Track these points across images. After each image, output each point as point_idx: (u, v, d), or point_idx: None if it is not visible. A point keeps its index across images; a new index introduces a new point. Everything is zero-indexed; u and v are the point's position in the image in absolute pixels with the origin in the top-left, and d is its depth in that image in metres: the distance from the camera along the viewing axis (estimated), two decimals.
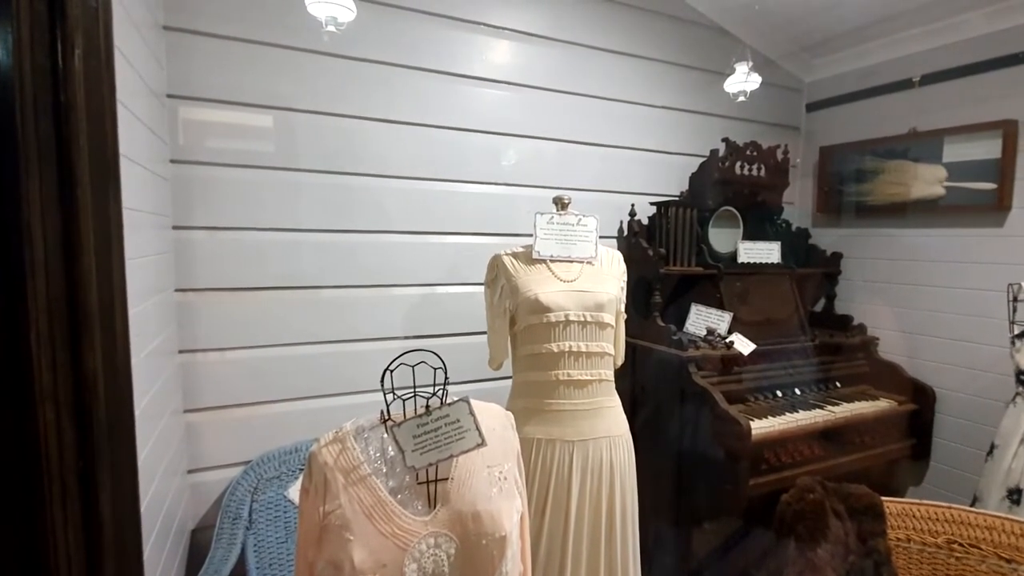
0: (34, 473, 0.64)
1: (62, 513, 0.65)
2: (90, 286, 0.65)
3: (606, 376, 1.44)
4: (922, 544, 1.30)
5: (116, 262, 0.69)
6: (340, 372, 1.86)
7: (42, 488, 0.64)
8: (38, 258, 0.62)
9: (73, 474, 0.66)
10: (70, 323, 0.65)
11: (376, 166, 1.87)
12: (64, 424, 0.64)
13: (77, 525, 0.67)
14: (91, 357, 0.65)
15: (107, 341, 0.67)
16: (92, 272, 0.66)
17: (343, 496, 0.82)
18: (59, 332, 0.64)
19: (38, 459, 0.64)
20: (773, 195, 2.26)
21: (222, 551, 1.51)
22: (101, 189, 0.69)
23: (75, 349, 0.65)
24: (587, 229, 1.46)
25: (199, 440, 1.70)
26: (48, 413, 0.64)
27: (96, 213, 0.67)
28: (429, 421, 0.86)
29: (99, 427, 0.67)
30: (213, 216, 1.67)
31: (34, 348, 0.62)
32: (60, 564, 0.66)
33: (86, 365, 0.66)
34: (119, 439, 0.69)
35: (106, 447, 0.67)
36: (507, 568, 0.86)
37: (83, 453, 0.66)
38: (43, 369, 0.63)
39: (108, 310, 0.67)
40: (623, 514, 1.44)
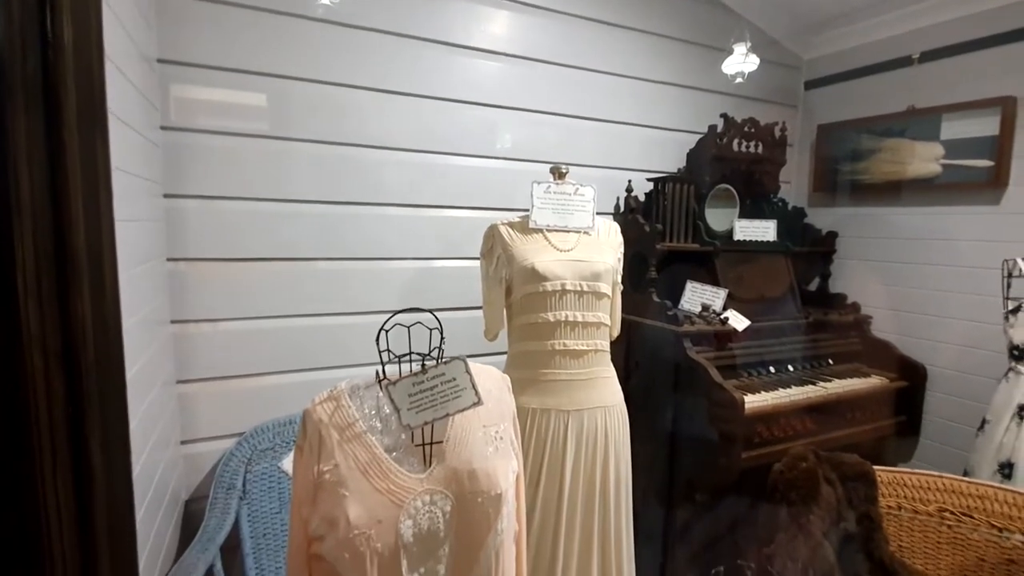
0: (23, 421, 0.63)
1: (51, 460, 0.64)
2: (78, 230, 0.63)
3: (602, 346, 1.44)
4: (913, 512, 1.31)
5: (104, 208, 0.68)
6: (334, 345, 1.85)
7: (31, 435, 0.63)
8: (24, 199, 0.61)
9: (62, 422, 0.65)
10: (57, 268, 0.63)
11: (371, 137, 1.85)
12: (52, 371, 0.63)
13: (67, 473, 0.66)
14: (79, 303, 0.64)
15: (95, 288, 0.65)
16: (79, 217, 0.65)
17: (338, 453, 0.81)
18: (46, 277, 0.62)
19: (27, 407, 0.62)
20: (770, 173, 2.25)
21: (216, 520, 1.50)
22: (88, 132, 0.67)
23: (63, 295, 0.64)
24: (584, 199, 1.44)
25: (192, 411, 1.68)
26: (36, 360, 0.62)
27: (83, 156, 0.65)
28: (425, 380, 0.85)
29: (88, 375, 0.66)
30: (205, 185, 1.64)
31: (21, 293, 0.60)
32: (50, 513, 0.65)
33: (74, 311, 0.64)
34: (108, 388, 0.68)
35: (95, 395, 0.66)
36: (503, 526, 0.86)
37: (72, 401, 0.65)
38: (30, 315, 0.62)
39: (96, 257, 0.66)
40: (617, 484, 1.45)
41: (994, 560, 1.23)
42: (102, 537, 0.70)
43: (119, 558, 0.74)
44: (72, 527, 0.68)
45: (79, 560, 0.68)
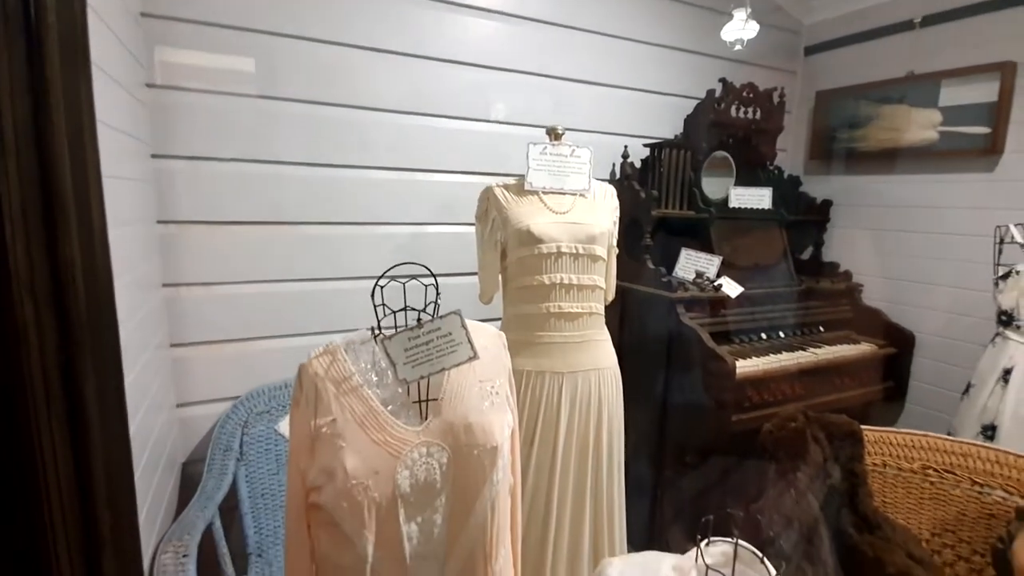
0: (15, 366, 0.62)
1: (46, 407, 0.64)
2: (63, 169, 0.61)
3: (596, 309, 1.44)
4: (897, 469, 1.35)
5: (90, 151, 0.66)
6: (328, 310, 1.84)
7: (24, 381, 0.62)
8: (8, 136, 0.59)
9: (55, 369, 0.64)
10: (44, 210, 0.62)
11: (362, 97, 1.81)
12: (43, 316, 0.62)
13: (61, 419, 0.66)
14: (68, 245, 0.63)
15: (83, 230, 0.64)
16: (65, 158, 0.63)
17: (335, 406, 0.82)
18: (33, 217, 0.61)
19: (19, 353, 0.62)
20: (767, 140, 2.23)
21: (213, 481, 1.52)
22: (71, 72, 0.65)
23: (51, 238, 0.62)
24: (580, 161, 1.43)
25: (187, 375, 1.68)
26: (26, 304, 0.61)
27: (67, 97, 0.63)
28: (421, 334, 0.85)
29: (79, 319, 0.65)
30: (193, 145, 1.61)
31: (8, 232, 0.59)
32: (47, 459, 0.65)
33: (63, 254, 0.63)
34: (101, 331, 0.67)
35: (88, 340, 0.65)
36: (498, 477, 0.87)
37: (65, 346, 0.65)
38: (19, 257, 0.60)
39: (83, 197, 0.64)
40: (610, 445, 1.47)
41: (974, 515, 1.27)
42: (100, 488, 0.70)
43: (119, 511, 0.74)
44: (70, 478, 0.68)
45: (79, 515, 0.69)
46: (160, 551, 1.21)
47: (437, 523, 0.84)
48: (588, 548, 1.47)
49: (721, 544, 0.87)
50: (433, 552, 0.84)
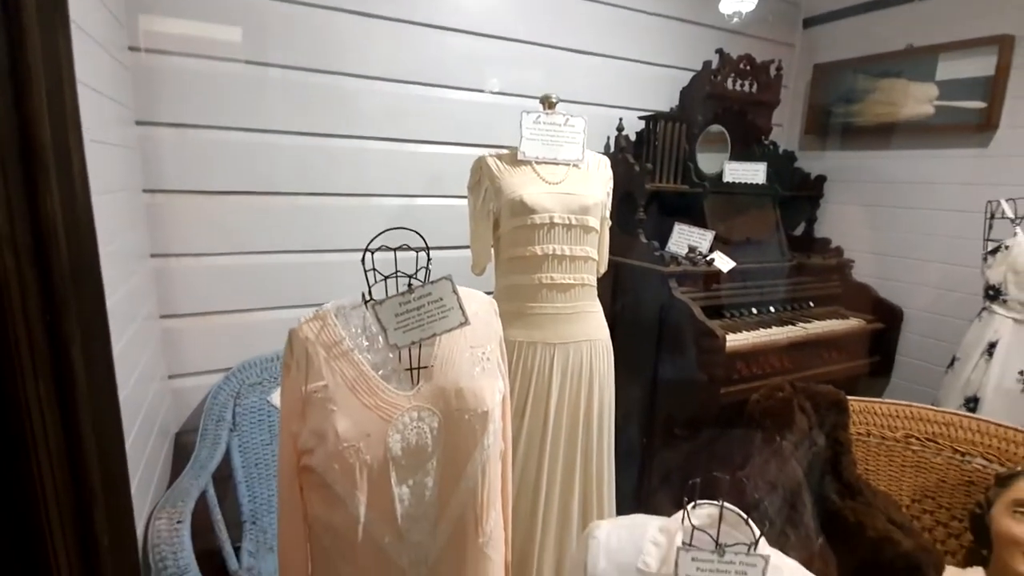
0: None
1: (31, 364, 0.63)
2: (42, 122, 0.60)
3: (588, 281, 1.44)
4: (881, 438, 1.38)
5: (68, 100, 0.64)
6: (319, 282, 1.83)
7: (8, 337, 0.62)
8: None
9: (40, 324, 0.63)
10: (23, 163, 0.60)
11: (352, 64, 1.76)
12: (25, 271, 0.61)
13: (48, 378, 0.65)
14: (48, 199, 0.61)
15: (64, 184, 0.63)
16: (43, 108, 0.61)
17: (325, 370, 0.81)
18: (12, 170, 0.59)
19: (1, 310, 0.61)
20: (763, 113, 2.22)
21: (207, 450, 1.53)
22: (48, 22, 0.62)
23: (31, 191, 0.61)
24: (574, 130, 1.41)
25: (178, 346, 1.68)
26: (8, 260, 0.60)
27: (45, 47, 0.61)
28: (411, 299, 0.85)
29: (62, 276, 0.64)
30: (179, 112, 1.57)
31: None
32: (34, 416, 0.65)
33: (44, 208, 0.62)
34: (86, 289, 0.66)
35: (72, 297, 0.64)
36: (489, 442, 0.88)
37: (49, 305, 0.64)
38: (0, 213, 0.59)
39: (63, 151, 0.63)
40: (600, 416, 1.49)
41: (954, 481, 1.31)
42: (89, 445, 0.70)
43: (109, 468, 0.74)
44: (58, 435, 0.67)
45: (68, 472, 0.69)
46: (154, 517, 1.22)
47: (428, 486, 0.85)
48: (577, 517, 1.49)
49: (707, 507, 0.89)
50: (424, 514, 0.85)
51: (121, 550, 0.75)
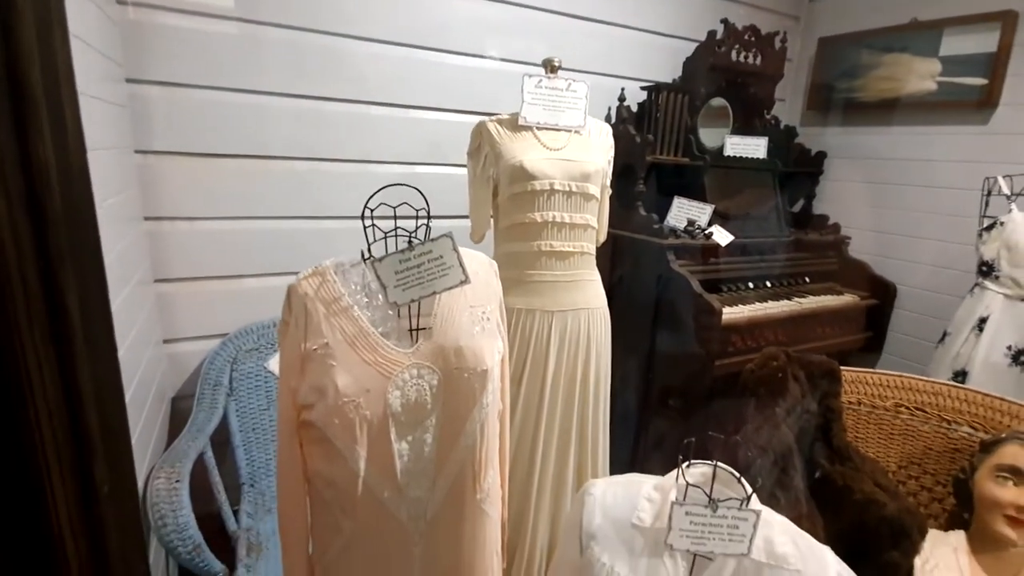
0: None
1: (26, 311, 0.62)
2: (32, 60, 0.58)
3: (588, 249, 1.44)
4: (871, 407, 1.40)
5: (59, 39, 0.62)
6: (316, 249, 1.82)
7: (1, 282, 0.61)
8: None
9: (34, 272, 0.62)
10: (12, 102, 0.58)
11: (351, 26, 1.72)
12: (17, 215, 0.60)
13: (44, 326, 0.64)
14: (40, 144, 0.60)
15: (57, 128, 0.61)
16: (34, 49, 0.59)
17: (324, 326, 0.81)
18: (3, 112, 0.57)
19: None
20: (766, 87, 2.19)
21: (204, 414, 1.53)
22: None
23: (20, 132, 0.59)
24: (576, 95, 1.39)
25: (173, 311, 1.67)
26: None
27: None
28: (412, 257, 0.84)
29: (57, 224, 0.63)
30: (169, 71, 1.53)
31: None
32: (30, 366, 0.64)
33: (35, 154, 0.60)
34: (82, 238, 0.65)
35: (67, 245, 0.63)
36: (488, 400, 0.89)
37: (44, 252, 0.63)
38: None
39: (54, 94, 0.61)
40: (596, 384, 1.50)
41: (940, 449, 1.34)
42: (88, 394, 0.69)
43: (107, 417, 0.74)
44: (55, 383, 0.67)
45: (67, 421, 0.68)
46: (152, 476, 1.23)
47: (427, 442, 0.86)
48: (572, 481, 1.52)
49: (701, 466, 0.91)
50: (423, 470, 0.86)
51: (121, 499, 0.76)
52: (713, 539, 0.82)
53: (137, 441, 1.21)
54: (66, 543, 0.69)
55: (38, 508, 0.67)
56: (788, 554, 0.84)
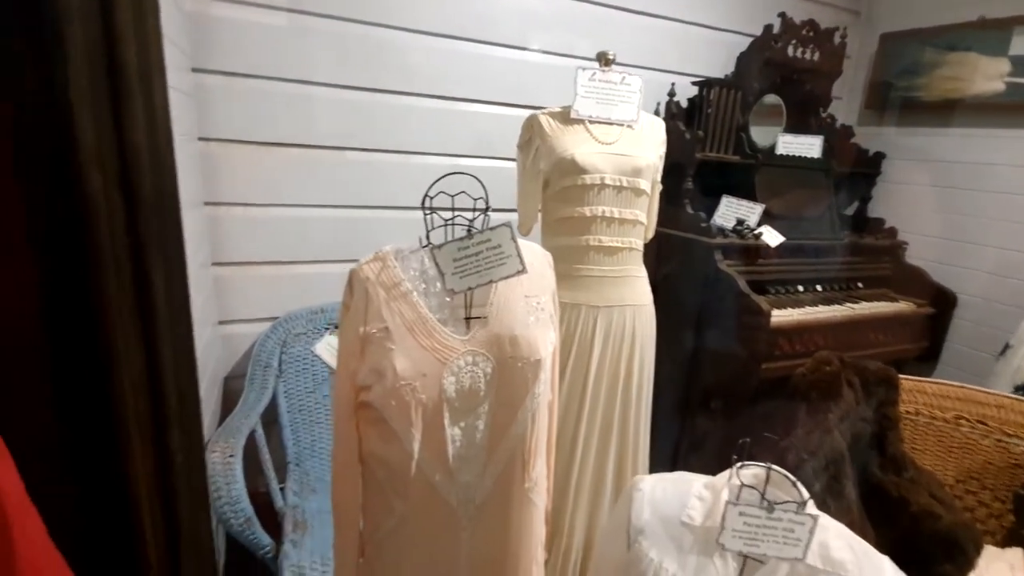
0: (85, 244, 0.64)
1: (116, 284, 0.66)
2: (128, 42, 0.61)
3: (636, 245, 1.42)
4: (930, 418, 1.35)
5: (152, 28, 0.65)
6: (363, 238, 1.85)
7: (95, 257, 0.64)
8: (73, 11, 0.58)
9: (125, 247, 0.66)
10: (110, 84, 0.62)
11: (399, 17, 1.74)
12: (111, 191, 0.63)
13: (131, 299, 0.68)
14: (133, 123, 0.63)
15: (148, 114, 0.64)
16: (130, 29, 0.62)
17: (384, 311, 0.83)
18: (100, 93, 0.61)
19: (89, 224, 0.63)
20: (823, 84, 2.12)
21: (255, 394, 1.59)
22: None
23: (118, 119, 0.63)
24: (631, 89, 1.37)
25: (228, 293, 1.73)
26: (96, 180, 0.62)
27: None
28: (470, 245, 0.85)
29: (146, 205, 0.66)
30: (229, 61, 1.59)
31: (76, 106, 0.59)
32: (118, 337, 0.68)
33: (130, 137, 0.64)
34: (166, 220, 0.69)
35: (155, 227, 0.66)
36: (540, 390, 0.89)
37: (133, 228, 0.66)
38: (87, 133, 0.61)
39: (147, 81, 0.64)
40: (639, 382, 1.49)
41: (1000, 464, 1.27)
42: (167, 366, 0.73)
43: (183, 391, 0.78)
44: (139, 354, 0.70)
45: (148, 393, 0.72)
46: (208, 450, 1.28)
47: (479, 429, 0.87)
48: (611, 479, 1.51)
49: (753, 468, 0.89)
50: (475, 455, 0.87)
51: (191, 469, 0.79)
52: (767, 541, 0.81)
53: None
54: (142, 506, 0.73)
55: (120, 473, 0.71)
56: (845, 560, 0.82)
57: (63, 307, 0.65)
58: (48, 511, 0.50)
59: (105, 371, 0.68)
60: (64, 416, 0.66)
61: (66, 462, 0.68)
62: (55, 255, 0.63)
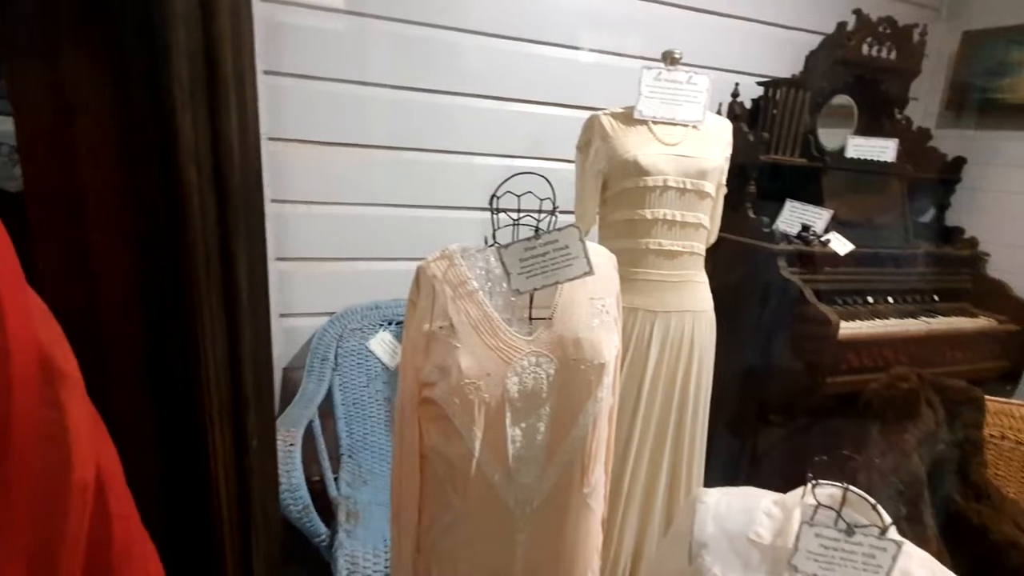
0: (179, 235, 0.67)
1: (205, 276, 0.69)
2: (225, 43, 0.63)
3: (698, 250, 1.38)
4: (1016, 442, 1.24)
5: (247, 25, 0.67)
6: (419, 237, 1.88)
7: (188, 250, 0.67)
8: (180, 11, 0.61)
9: (215, 238, 0.69)
10: (208, 84, 0.64)
11: (457, 19, 1.76)
12: (204, 185, 0.66)
13: (218, 290, 0.71)
14: (226, 122, 0.65)
15: (240, 110, 0.67)
16: (227, 35, 0.65)
17: (451, 308, 0.84)
18: (199, 89, 0.64)
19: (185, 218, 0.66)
20: (900, 84, 2.00)
21: (313, 385, 1.64)
22: None
23: (213, 113, 0.65)
24: (697, 89, 1.34)
25: (290, 287, 1.80)
26: (191, 175, 0.65)
27: None
28: (537, 246, 0.84)
29: (235, 198, 0.69)
30: (299, 63, 1.65)
31: (178, 103, 0.62)
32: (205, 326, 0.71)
33: (223, 131, 0.66)
34: (251, 214, 0.71)
35: (242, 216, 0.69)
36: (602, 395, 0.88)
37: (221, 218, 0.69)
38: (187, 129, 0.64)
39: (240, 76, 0.66)
40: (696, 392, 1.44)
41: None
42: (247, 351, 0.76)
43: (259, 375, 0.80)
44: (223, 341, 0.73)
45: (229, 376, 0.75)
46: None
47: (540, 431, 0.86)
48: (663, 491, 1.46)
49: (828, 487, 0.84)
50: (534, 457, 0.87)
51: (265, 453, 0.82)
52: (845, 566, 0.76)
53: None
54: (220, 486, 0.75)
55: (200, 453, 0.74)
56: None
57: (158, 295, 0.68)
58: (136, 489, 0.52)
59: (192, 354, 0.71)
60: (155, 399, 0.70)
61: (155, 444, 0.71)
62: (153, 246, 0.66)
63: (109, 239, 0.64)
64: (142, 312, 0.67)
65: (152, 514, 0.59)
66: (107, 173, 0.64)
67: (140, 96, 0.63)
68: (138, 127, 0.64)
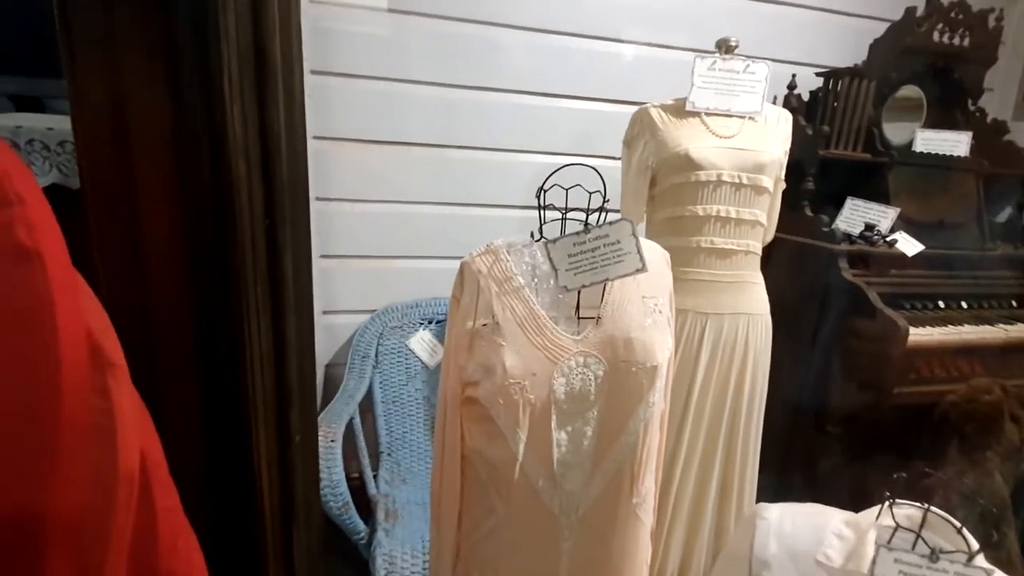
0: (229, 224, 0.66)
1: (252, 269, 0.68)
2: (274, 36, 0.62)
3: (753, 248, 1.31)
4: None
5: (295, 21, 0.67)
6: (461, 236, 1.86)
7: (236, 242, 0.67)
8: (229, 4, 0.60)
9: (261, 228, 0.68)
10: (257, 77, 0.64)
11: (499, 14, 1.73)
12: (253, 178, 0.65)
13: (264, 283, 0.70)
14: (275, 114, 0.65)
15: (288, 103, 0.66)
16: (275, 26, 0.64)
17: (496, 305, 0.81)
18: (248, 84, 0.63)
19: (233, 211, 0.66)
20: (974, 74, 1.85)
21: (354, 382, 1.65)
22: None
23: (262, 106, 0.65)
24: (755, 78, 1.27)
25: (332, 285, 1.81)
26: (240, 168, 0.65)
27: None
28: (587, 240, 0.81)
29: (282, 190, 0.68)
30: (344, 63, 1.66)
31: (227, 95, 0.61)
32: (251, 319, 0.70)
33: (271, 124, 0.65)
34: (297, 206, 0.70)
35: (288, 208, 0.68)
36: (654, 399, 0.83)
37: (268, 211, 0.68)
38: (235, 121, 0.63)
39: (288, 71, 0.65)
40: (751, 397, 1.36)
41: None
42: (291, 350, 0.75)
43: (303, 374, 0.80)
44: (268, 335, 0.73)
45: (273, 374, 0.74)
46: None
47: (587, 435, 0.82)
48: (713, 502, 1.39)
49: (907, 507, 0.77)
50: (580, 463, 0.83)
51: (307, 449, 0.81)
52: None
53: None
54: (263, 480, 0.75)
55: (244, 447, 0.74)
56: None
57: (206, 289, 0.68)
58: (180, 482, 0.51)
59: (238, 347, 0.71)
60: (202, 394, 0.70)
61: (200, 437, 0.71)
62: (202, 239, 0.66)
63: (161, 234, 0.65)
64: (191, 306, 0.67)
65: (196, 507, 0.58)
66: (159, 167, 0.65)
67: (191, 89, 0.63)
68: (189, 120, 0.64)
